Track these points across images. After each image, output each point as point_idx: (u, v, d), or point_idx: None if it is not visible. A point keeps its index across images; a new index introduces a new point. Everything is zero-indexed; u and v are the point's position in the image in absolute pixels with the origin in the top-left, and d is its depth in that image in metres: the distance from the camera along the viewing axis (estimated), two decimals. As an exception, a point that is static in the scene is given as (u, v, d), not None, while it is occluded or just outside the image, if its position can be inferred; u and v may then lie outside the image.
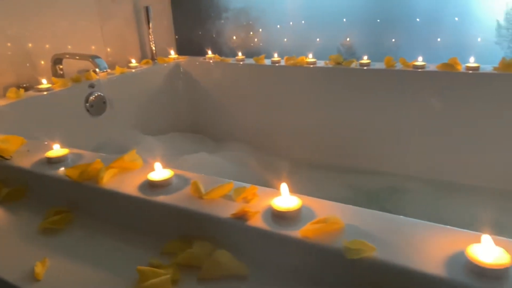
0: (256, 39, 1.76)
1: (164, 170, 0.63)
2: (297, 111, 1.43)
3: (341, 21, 1.61)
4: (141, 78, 1.47)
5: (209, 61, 1.58)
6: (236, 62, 1.52)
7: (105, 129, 1.31)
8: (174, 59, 1.61)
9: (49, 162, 0.70)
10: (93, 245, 0.57)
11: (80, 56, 1.27)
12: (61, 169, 0.68)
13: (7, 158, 0.73)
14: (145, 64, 1.53)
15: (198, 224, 0.55)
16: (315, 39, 1.63)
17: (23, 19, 1.24)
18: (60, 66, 1.32)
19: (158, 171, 0.62)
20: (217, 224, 0.53)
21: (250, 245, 0.51)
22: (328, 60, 1.37)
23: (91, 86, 1.30)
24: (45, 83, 1.23)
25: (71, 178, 0.64)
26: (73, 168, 0.65)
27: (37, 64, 1.31)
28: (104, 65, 1.26)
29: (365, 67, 1.28)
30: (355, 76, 1.30)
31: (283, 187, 0.54)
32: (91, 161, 0.66)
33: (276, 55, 1.48)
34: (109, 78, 1.36)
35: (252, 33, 1.78)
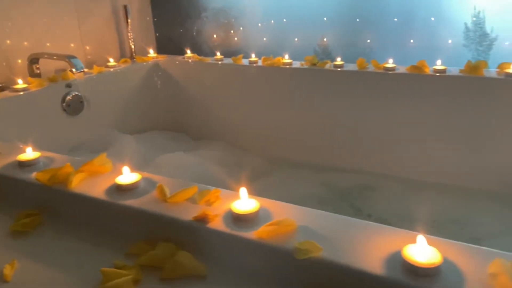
0: (237, 38, 1.78)
1: (132, 174, 0.65)
2: (274, 110, 1.46)
3: (322, 20, 1.64)
4: (119, 77, 1.48)
5: (188, 60, 1.59)
6: (214, 61, 1.54)
7: (82, 128, 1.32)
8: (153, 58, 1.62)
9: (20, 165, 0.72)
10: (61, 247, 0.60)
11: (57, 56, 1.28)
12: (32, 172, 0.70)
13: (-21, 161, 0.75)
14: (123, 63, 1.54)
15: (162, 227, 0.57)
16: (294, 38, 1.66)
17: (-2, 18, 1.24)
18: (37, 66, 1.32)
19: (126, 175, 0.65)
20: (180, 227, 0.56)
21: (210, 246, 0.54)
22: (303, 61, 1.41)
23: (68, 86, 1.30)
24: (21, 83, 1.23)
25: (41, 182, 0.66)
26: (43, 172, 0.67)
27: (14, 63, 1.31)
28: (80, 65, 1.26)
29: (339, 69, 1.32)
30: (329, 77, 1.34)
31: (242, 191, 0.57)
32: (63, 164, 0.68)
33: (253, 55, 1.51)
34: (87, 77, 1.37)
35: (233, 31, 1.80)
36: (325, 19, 1.63)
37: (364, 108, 1.30)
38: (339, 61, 1.35)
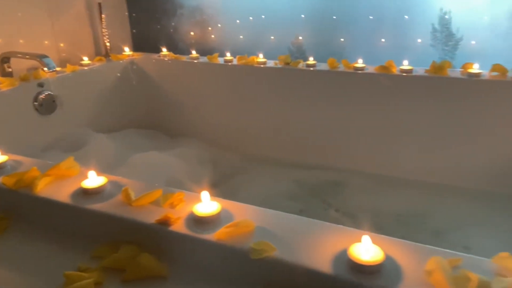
0: (214, 35, 1.79)
1: (98, 178, 0.66)
2: (249, 108, 1.48)
3: (299, 17, 1.66)
4: (94, 76, 1.47)
5: (163, 58, 1.59)
6: (190, 60, 1.55)
7: (55, 128, 1.31)
8: (128, 56, 1.62)
9: (-13, 169, 0.72)
10: (27, 251, 0.61)
11: (29, 55, 1.27)
12: (-1, 176, 0.70)
13: None
14: (98, 61, 1.53)
15: (126, 230, 0.59)
16: (270, 36, 1.67)
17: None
18: (8, 65, 1.31)
19: (92, 179, 0.66)
20: (143, 230, 0.58)
21: (172, 248, 0.57)
22: (277, 60, 1.43)
23: (40, 85, 1.30)
24: (-9, 82, 1.22)
25: (7, 186, 0.67)
26: (10, 176, 0.68)
27: (-16, 62, 1.29)
28: (52, 64, 1.26)
29: (311, 68, 1.35)
30: (301, 76, 1.36)
31: (204, 194, 0.60)
32: (30, 168, 0.69)
33: (228, 54, 1.52)
34: (60, 76, 1.36)
35: (210, 28, 1.81)
36: (302, 16, 1.66)
37: (335, 106, 1.33)
38: (311, 60, 1.38)
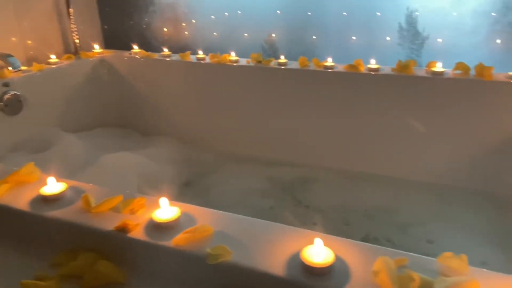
0: (187, 32, 1.78)
1: (57, 184, 0.66)
2: (222, 106, 1.49)
3: (275, 13, 1.66)
4: (62, 74, 1.44)
5: (135, 56, 1.57)
6: (162, 58, 1.53)
7: (22, 128, 1.28)
8: (98, 54, 1.59)
9: None
10: (-15, 260, 0.60)
11: (-7, 54, 1.23)
12: (-45, 184, 0.69)
13: None
14: (66, 59, 1.50)
15: (85, 237, 0.59)
16: (244, 34, 1.68)
17: None
18: (-29, 64, 1.27)
19: (51, 185, 0.65)
20: (101, 237, 0.58)
21: (131, 254, 0.57)
22: (250, 58, 1.43)
23: (6, 84, 1.26)
24: (-48, 83, 1.18)
25: (-37, 194, 0.65)
26: (-33, 183, 0.66)
27: None
28: (17, 64, 1.23)
29: (283, 67, 1.36)
30: (273, 75, 1.37)
31: (162, 200, 0.60)
32: (-11, 174, 0.68)
33: (201, 52, 1.52)
34: (27, 75, 1.33)
35: (184, 24, 1.79)
36: (278, 11, 1.66)
37: (305, 105, 1.35)
38: (282, 59, 1.39)
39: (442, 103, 1.19)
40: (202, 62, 1.47)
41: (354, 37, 1.52)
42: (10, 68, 1.24)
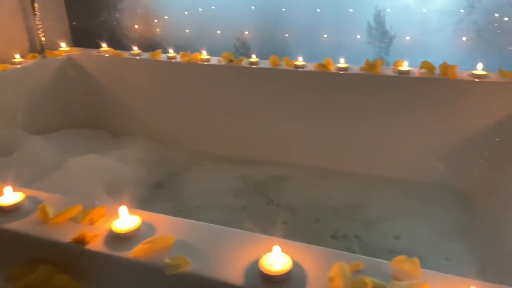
0: (159, 29, 1.74)
1: (14, 194, 0.64)
2: (194, 105, 1.47)
3: (249, 8, 1.65)
4: (27, 74, 1.40)
5: (104, 54, 1.54)
6: (132, 56, 1.50)
7: (-15, 132, 1.24)
8: (65, 52, 1.55)
9: None
10: None
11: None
12: None
13: None
14: (31, 58, 1.45)
15: (43, 249, 0.58)
16: (216, 31, 1.66)
17: None
18: None
19: (8, 195, 0.64)
20: (59, 249, 0.57)
21: (89, 267, 0.56)
22: (221, 57, 1.42)
23: (-35, 86, 1.21)
24: None
25: None
26: None
27: None
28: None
29: (254, 66, 1.36)
30: (244, 74, 1.37)
31: (122, 209, 0.59)
32: None
33: (171, 50, 1.50)
34: (-12, 76, 1.28)
35: (156, 20, 1.76)
36: (252, 7, 1.65)
37: (276, 103, 1.36)
38: (254, 58, 1.39)
39: (408, 101, 1.21)
40: (173, 61, 1.45)
41: (326, 35, 1.53)
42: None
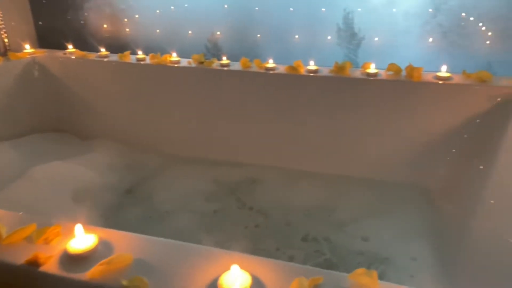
0: (129, 29, 1.70)
1: (-35, 214, 0.62)
2: (165, 108, 1.45)
3: (222, 7, 1.62)
4: (-12, 78, 1.34)
5: (70, 56, 1.49)
6: (99, 58, 1.47)
7: None
8: (29, 54, 1.49)
9: None
10: None
11: None
12: None
13: None
14: (-8, 61, 1.39)
15: (-5, 272, 0.56)
16: (188, 31, 1.63)
17: None
18: None
19: (-42, 216, 0.61)
20: (12, 271, 0.55)
21: (44, 288, 0.55)
22: (191, 59, 1.41)
23: None
24: None
25: None
26: None
27: None
28: None
29: (225, 68, 1.34)
30: (215, 76, 1.36)
31: (78, 228, 0.58)
32: None
33: (140, 52, 1.47)
34: None
35: (126, 19, 1.71)
36: (225, 6, 1.63)
37: (247, 105, 1.35)
38: (225, 60, 1.37)
39: (375, 103, 1.23)
40: (142, 63, 1.43)
41: (297, 36, 1.53)
42: None
